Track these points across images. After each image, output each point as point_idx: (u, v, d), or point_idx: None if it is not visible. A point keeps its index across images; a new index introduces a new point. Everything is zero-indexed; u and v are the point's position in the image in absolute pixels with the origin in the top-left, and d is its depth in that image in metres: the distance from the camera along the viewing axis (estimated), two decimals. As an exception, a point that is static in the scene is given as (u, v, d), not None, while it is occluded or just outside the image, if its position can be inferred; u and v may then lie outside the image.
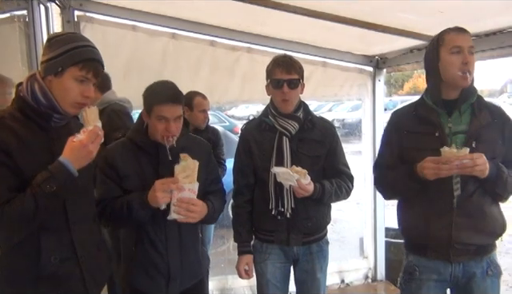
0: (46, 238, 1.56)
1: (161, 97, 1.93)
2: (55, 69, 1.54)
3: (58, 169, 1.48)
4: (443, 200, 1.91)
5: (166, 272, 2.03)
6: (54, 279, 1.58)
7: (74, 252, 1.63)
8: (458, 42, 1.88)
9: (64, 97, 1.57)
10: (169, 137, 1.94)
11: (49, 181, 1.46)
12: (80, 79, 1.56)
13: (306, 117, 2.26)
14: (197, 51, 3.57)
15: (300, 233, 2.25)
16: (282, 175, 2.03)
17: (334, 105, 19.27)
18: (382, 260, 4.20)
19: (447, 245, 1.92)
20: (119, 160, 1.99)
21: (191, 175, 1.88)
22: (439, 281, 1.99)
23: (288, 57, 2.22)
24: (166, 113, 1.92)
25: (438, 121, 1.94)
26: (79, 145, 1.50)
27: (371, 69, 4.03)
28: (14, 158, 1.48)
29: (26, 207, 1.44)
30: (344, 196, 2.29)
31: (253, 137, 2.28)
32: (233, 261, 2.43)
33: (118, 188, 1.99)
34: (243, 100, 3.93)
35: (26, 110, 1.56)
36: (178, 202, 1.88)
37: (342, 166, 2.31)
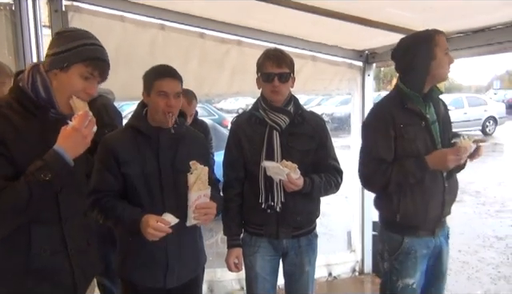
0: (37, 231, 1.55)
1: (160, 72, 2.02)
2: (61, 63, 1.54)
3: (52, 158, 1.47)
4: (437, 183, 2.21)
5: (165, 263, 2.04)
6: (42, 272, 1.57)
7: (65, 246, 1.62)
8: (446, 44, 2.17)
9: (65, 90, 1.56)
10: (170, 112, 1.99)
11: (43, 169, 1.44)
12: (85, 76, 1.56)
13: (297, 111, 2.27)
14: (186, 43, 3.54)
15: (289, 227, 2.26)
16: (272, 169, 2.04)
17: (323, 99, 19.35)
18: (369, 254, 4.25)
19: (436, 221, 2.25)
20: (119, 146, 2.00)
21: (204, 181, 1.95)
22: (427, 255, 2.27)
23: (279, 51, 2.23)
24: (166, 88, 1.98)
25: (424, 112, 2.19)
26: (72, 131, 1.49)
27: (361, 64, 4.05)
28: (10, 148, 1.46)
29: (19, 195, 1.43)
30: (333, 191, 2.31)
31: (243, 130, 2.29)
32: (221, 254, 2.44)
33: (114, 179, 1.99)
34: (232, 93, 3.92)
35: (24, 101, 1.55)
36: (196, 210, 1.94)
37: (332, 161, 2.33)
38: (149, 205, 1.99)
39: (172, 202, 2.01)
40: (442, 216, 2.27)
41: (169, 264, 2.04)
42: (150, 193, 2.01)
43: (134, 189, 2.01)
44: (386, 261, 2.31)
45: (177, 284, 2.09)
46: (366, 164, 2.25)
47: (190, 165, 1.92)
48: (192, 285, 2.18)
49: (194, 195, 1.93)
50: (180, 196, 1.97)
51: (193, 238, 2.15)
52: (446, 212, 2.29)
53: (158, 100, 1.99)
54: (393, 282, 2.28)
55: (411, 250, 2.23)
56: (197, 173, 1.92)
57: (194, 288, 2.22)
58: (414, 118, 2.18)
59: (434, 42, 2.12)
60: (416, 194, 2.21)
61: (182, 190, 1.94)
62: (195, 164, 1.93)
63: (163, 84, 1.99)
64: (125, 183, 2.02)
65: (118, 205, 1.97)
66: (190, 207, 1.93)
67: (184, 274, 2.11)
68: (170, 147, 2.05)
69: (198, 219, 1.95)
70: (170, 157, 2.03)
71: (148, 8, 3.38)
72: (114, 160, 1.99)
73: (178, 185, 2.00)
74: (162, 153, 2.02)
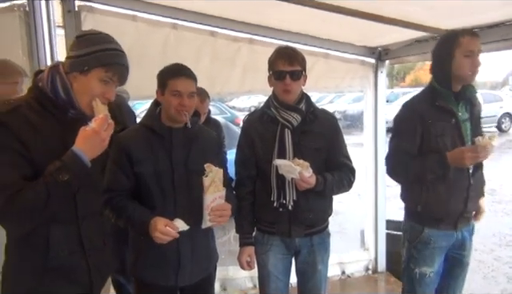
0: (55, 231, 1.56)
1: (175, 71, 2.02)
2: (81, 66, 1.55)
3: (71, 159, 1.48)
4: (462, 179, 2.27)
5: (177, 262, 2.05)
6: (60, 270, 1.59)
7: (82, 246, 1.64)
8: (472, 47, 2.17)
9: (84, 94, 1.57)
10: (184, 111, 1.99)
11: (61, 170, 1.46)
12: (104, 80, 1.57)
13: (309, 109, 2.25)
14: (197, 42, 3.54)
15: (302, 225, 2.26)
16: (284, 167, 2.03)
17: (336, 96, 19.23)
18: (383, 252, 4.23)
19: (459, 216, 2.31)
20: (132, 145, 2.01)
21: (219, 183, 1.96)
22: (445, 248, 2.35)
23: (290, 49, 2.21)
24: (180, 87, 1.99)
25: (454, 110, 2.25)
26: (91, 133, 1.51)
27: (373, 61, 4.02)
28: (29, 148, 1.47)
29: (37, 196, 1.44)
30: (345, 189, 2.30)
31: (255, 128, 2.28)
32: (234, 252, 2.44)
33: (126, 179, 2.01)
34: (244, 91, 3.92)
35: (44, 101, 1.56)
36: (212, 212, 1.94)
37: (344, 159, 2.31)
38: (161, 205, 2.00)
39: (184, 201, 2.01)
40: (466, 211, 2.32)
41: (181, 262, 2.05)
42: (163, 192, 2.01)
43: (146, 188, 2.02)
44: (406, 249, 2.45)
45: (189, 282, 2.09)
46: (392, 155, 2.38)
47: (205, 168, 1.92)
48: (204, 284, 2.19)
49: (210, 197, 1.93)
50: (192, 195, 1.98)
51: (205, 237, 2.15)
52: (471, 208, 2.34)
53: (172, 99, 1.99)
54: (410, 269, 2.41)
55: (430, 240, 2.33)
56: (212, 176, 1.92)
57: (206, 287, 2.23)
58: (444, 115, 2.24)
59: (455, 43, 2.18)
60: (439, 187, 2.28)
61: (195, 190, 1.95)
62: (210, 167, 1.93)
63: (177, 83, 1.99)
64: (137, 182, 2.03)
65: (128, 205, 1.98)
66: (206, 209, 1.93)
67: (196, 272, 2.11)
68: (183, 146, 2.05)
69: (214, 221, 1.96)
70: (182, 157, 2.04)
71: (160, 7, 3.39)
72: (126, 159, 2.00)
73: (190, 185, 2.00)
74: (174, 153, 2.03)
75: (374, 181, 4.17)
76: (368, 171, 4.18)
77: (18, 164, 1.46)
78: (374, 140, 4.11)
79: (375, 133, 4.10)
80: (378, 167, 4.11)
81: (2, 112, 1.48)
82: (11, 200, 1.41)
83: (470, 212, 2.38)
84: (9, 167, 1.44)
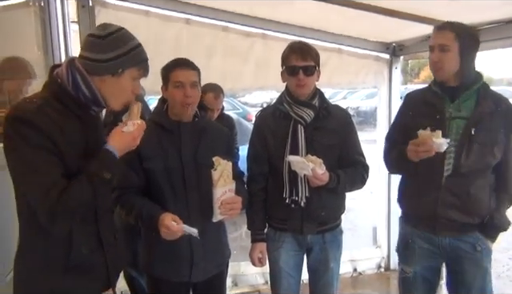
0: (77, 229, 1.56)
1: (175, 63, 2.05)
2: (115, 70, 1.53)
3: (110, 158, 1.50)
4: (433, 179, 2.11)
5: (189, 257, 2.05)
6: (81, 268, 1.58)
7: (101, 243, 1.64)
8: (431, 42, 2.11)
9: (119, 95, 1.58)
10: (188, 103, 2.00)
11: (104, 169, 1.47)
12: (136, 78, 1.59)
13: (322, 105, 2.24)
14: (210, 37, 3.54)
15: (314, 222, 2.24)
16: (297, 164, 2.02)
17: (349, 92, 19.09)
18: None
19: (433, 219, 2.15)
20: (141, 141, 1.98)
21: (228, 176, 1.95)
22: (431, 250, 2.21)
23: (304, 44, 2.20)
24: (182, 78, 2.00)
25: (441, 106, 2.12)
26: (130, 138, 1.55)
27: (388, 57, 3.97)
28: (58, 145, 1.46)
29: (85, 196, 1.44)
30: (359, 186, 2.29)
31: (267, 124, 2.27)
32: (245, 248, 2.44)
33: (136, 175, 2.02)
34: (257, 87, 3.91)
35: (65, 99, 1.53)
36: (222, 205, 1.94)
37: (358, 156, 2.30)
38: (172, 200, 2.00)
39: (195, 196, 2.02)
40: (440, 216, 2.12)
41: (194, 258, 2.05)
42: (173, 188, 2.01)
43: (156, 185, 2.02)
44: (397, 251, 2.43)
45: (203, 278, 2.10)
46: (384, 143, 2.40)
47: (213, 161, 1.92)
48: (216, 280, 2.19)
49: (219, 191, 1.93)
50: (203, 189, 1.98)
51: (217, 232, 2.15)
52: (446, 215, 2.11)
53: (175, 91, 2.00)
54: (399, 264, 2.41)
55: (409, 239, 2.27)
56: (220, 169, 1.92)
57: (218, 284, 2.23)
58: (428, 109, 2.15)
59: None
60: (411, 184, 2.24)
61: (205, 184, 1.95)
62: (218, 160, 1.92)
63: (178, 74, 2.01)
64: (147, 179, 2.03)
65: (137, 202, 1.99)
66: (216, 203, 1.93)
67: (209, 268, 2.11)
68: (192, 140, 2.05)
69: (224, 214, 1.96)
70: (191, 151, 2.04)
71: (173, 2, 3.38)
72: (136, 156, 1.99)
73: (200, 179, 2.01)
74: (184, 147, 2.03)
75: (387, 178, 4.12)
76: (381, 168, 4.08)
77: (55, 162, 1.44)
78: (388, 136, 4.06)
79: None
80: (391, 164, 4.06)
81: (32, 111, 1.44)
82: (61, 199, 1.40)
83: (452, 220, 2.11)
84: (49, 165, 1.43)
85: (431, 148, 1.97)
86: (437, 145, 1.96)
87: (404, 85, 16.66)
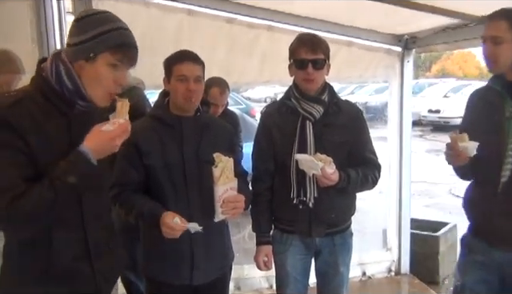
0: (59, 234, 1.52)
1: (179, 56, 2.04)
2: (86, 54, 1.47)
3: (78, 160, 1.43)
4: (489, 185, 2.00)
5: (190, 260, 2.04)
6: (63, 276, 1.54)
7: (87, 251, 1.59)
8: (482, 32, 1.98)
9: (96, 85, 1.50)
10: (191, 97, 1.99)
11: (69, 172, 1.41)
12: (113, 64, 1.49)
13: (332, 100, 2.22)
14: (213, 29, 3.51)
15: (323, 224, 2.23)
16: (305, 163, 2.00)
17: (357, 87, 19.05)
18: (407, 253, 4.16)
19: (489, 230, 2.04)
20: (141, 136, 2.00)
21: (230, 174, 1.93)
22: (484, 263, 2.08)
23: (313, 35, 2.18)
24: (186, 71, 1.99)
25: (500, 104, 1.99)
26: (107, 138, 1.46)
27: (399, 50, 3.94)
28: (32, 146, 1.42)
29: (43, 199, 1.38)
30: (370, 186, 2.27)
31: (273, 121, 2.26)
32: (249, 250, 2.44)
33: (135, 172, 2.01)
34: (262, 81, 3.89)
35: (48, 93, 1.49)
36: (224, 204, 1.92)
37: (369, 154, 2.28)
38: (173, 198, 2.00)
39: (196, 193, 2.01)
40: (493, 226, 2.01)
41: (195, 260, 2.04)
42: (174, 185, 2.01)
43: (156, 181, 2.02)
44: None
45: (204, 281, 2.08)
46: None
47: (214, 158, 1.91)
48: (219, 283, 2.18)
49: (221, 189, 1.91)
50: (204, 187, 1.97)
51: (219, 233, 2.14)
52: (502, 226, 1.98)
53: (178, 85, 2.00)
54: None
55: (467, 248, 2.18)
56: (222, 166, 1.90)
57: (221, 287, 2.22)
58: (487, 108, 2.04)
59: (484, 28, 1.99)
60: (469, 190, 2.16)
61: (207, 181, 1.94)
62: (219, 157, 1.91)
63: (182, 68, 2.00)
64: (147, 176, 2.03)
65: (138, 200, 1.98)
66: (217, 201, 1.92)
67: (211, 271, 2.10)
68: (194, 136, 2.05)
69: (227, 213, 1.94)
70: (193, 147, 2.04)
71: (174, -8, 3.37)
72: (136, 151, 2.00)
73: (202, 176, 2.00)
74: (185, 143, 2.03)
75: (398, 177, 4.10)
76: (392, 166, 4.13)
77: (19, 163, 1.40)
78: (399, 133, 4.04)
79: (400, 127, 4.03)
80: (402, 162, 4.06)
81: (3, 106, 1.41)
82: (14, 203, 1.35)
83: (510, 232, 1.97)
84: (10, 167, 1.38)
85: (459, 153, 1.92)
86: (464, 149, 1.90)
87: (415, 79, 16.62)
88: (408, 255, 4.17)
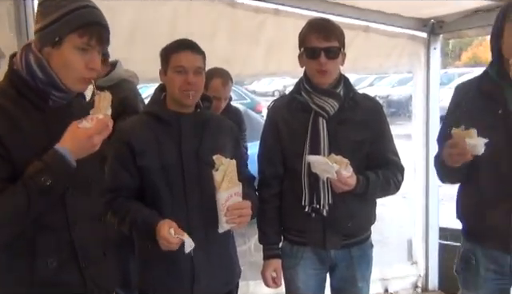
0: (42, 238, 1.55)
1: (178, 45, 2.05)
2: (52, 38, 1.51)
3: (53, 159, 1.45)
4: (502, 186, 2.03)
5: (190, 274, 2.05)
6: (49, 285, 1.57)
7: (75, 256, 1.62)
8: None
9: (66, 72, 1.54)
10: (189, 90, 2.00)
11: (43, 173, 1.43)
12: (82, 48, 1.52)
13: (348, 94, 2.22)
14: (213, 14, 3.53)
15: (338, 234, 2.23)
16: (319, 165, 2.00)
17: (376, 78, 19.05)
18: (435, 267, 4.17)
19: (506, 235, 2.04)
20: (134, 135, 2.03)
21: (233, 177, 1.92)
22: (499, 273, 2.12)
23: (326, 21, 2.19)
24: (185, 62, 2.00)
25: (502, 97, 2.03)
26: (84, 135, 1.48)
27: (425, 36, 3.95)
28: (5, 143, 1.45)
29: (16, 203, 1.42)
30: (392, 191, 2.27)
31: (282, 117, 2.26)
32: (255, 264, 2.45)
33: (129, 176, 2.03)
34: (268, 72, 3.92)
35: (20, 87, 1.53)
36: (229, 212, 1.92)
37: (391, 154, 2.28)
38: (169, 204, 2.02)
39: (196, 199, 2.03)
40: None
41: (195, 274, 2.05)
42: (171, 189, 2.02)
43: (151, 185, 2.03)
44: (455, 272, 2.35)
45: None
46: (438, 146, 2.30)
47: (214, 160, 1.90)
48: None
49: (224, 195, 1.91)
50: (206, 192, 1.98)
51: (223, 244, 2.15)
52: None
53: (176, 77, 2.01)
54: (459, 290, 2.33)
55: (471, 259, 2.19)
56: (223, 169, 1.90)
57: None
58: (487, 102, 2.06)
59: (505, 16, 1.99)
60: (471, 193, 2.16)
61: (208, 185, 1.94)
62: (220, 159, 1.91)
63: (181, 57, 2.01)
64: (142, 179, 2.04)
65: (131, 208, 1.99)
66: (221, 210, 1.91)
67: (214, 287, 2.11)
68: (194, 135, 2.06)
69: (232, 222, 1.94)
70: (193, 146, 2.05)
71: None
72: (129, 152, 2.02)
73: (202, 179, 2.01)
74: (184, 142, 2.04)
75: (425, 180, 4.11)
76: (417, 168, 4.15)
77: None
78: (425, 131, 4.05)
79: (426, 123, 4.04)
80: (429, 163, 4.05)
81: None
82: None
83: None
84: None
85: (465, 151, 1.92)
86: (471, 147, 1.90)
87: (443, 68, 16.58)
88: (436, 269, 4.17)
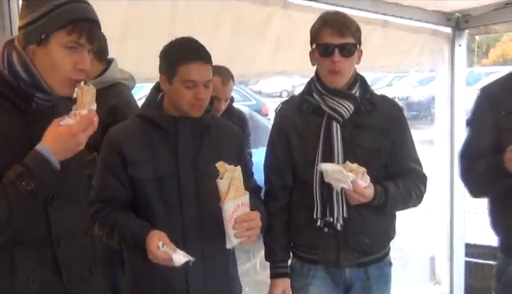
0: (22, 254, 1.54)
1: (187, 53, 1.98)
2: (37, 35, 1.52)
3: (35, 161, 1.46)
4: None
5: (185, 290, 2.04)
6: None
7: (59, 274, 1.62)
8: None
9: (53, 72, 1.54)
10: (200, 106, 2.00)
11: (24, 177, 1.43)
12: (70, 46, 1.53)
13: (364, 96, 2.23)
14: (215, 7, 3.53)
15: (354, 251, 2.23)
16: (332, 174, 2.00)
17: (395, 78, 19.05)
18: (461, 287, 4.16)
19: None
20: (126, 143, 2.02)
21: (240, 186, 1.91)
22: None
23: (341, 15, 2.18)
24: (196, 76, 1.97)
25: None
26: (67, 133, 1.48)
27: (449, 31, 3.97)
28: None
29: None
30: (413, 203, 2.28)
31: (291, 122, 2.27)
32: (261, 283, 2.46)
33: (120, 185, 2.02)
34: (276, 71, 3.92)
35: (1, 87, 1.54)
36: (237, 224, 1.90)
37: (412, 162, 2.28)
38: (163, 217, 2.01)
39: (193, 212, 2.02)
40: None
41: (189, 290, 2.05)
42: (165, 202, 2.02)
43: (144, 197, 2.03)
44: (493, 291, 2.32)
45: None
46: (460, 159, 2.31)
47: (217, 168, 1.89)
48: None
49: (231, 205, 1.89)
50: (203, 205, 1.99)
51: (222, 260, 2.15)
52: None
53: (184, 91, 1.98)
54: None
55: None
56: (229, 177, 1.89)
57: None
58: None
59: None
60: None
61: (205, 198, 1.95)
62: (223, 166, 1.90)
63: (191, 70, 1.97)
64: (134, 190, 2.04)
65: (120, 219, 1.98)
66: (229, 222, 1.89)
67: None
68: (192, 142, 2.06)
69: (241, 236, 1.92)
70: (191, 155, 2.05)
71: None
72: (120, 160, 2.01)
73: (200, 191, 2.01)
74: (181, 150, 2.03)
75: (449, 191, 4.12)
76: (441, 177, 4.14)
77: None
78: (450, 136, 4.06)
79: (451, 127, 4.05)
80: (454, 172, 4.04)
81: None
82: None
83: None
84: None
85: None
86: None
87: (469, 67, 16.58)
88: (462, 289, 4.16)
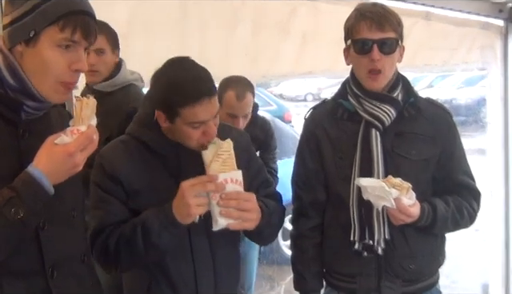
0: (11, 286, 1.54)
1: (191, 93, 1.90)
2: (25, 34, 1.50)
3: (26, 185, 1.45)
4: None
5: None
6: None
7: None
8: None
9: (44, 75, 1.53)
10: (209, 140, 1.95)
11: (13, 204, 1.42)
12: (64, 44, 1.52)
13: (407, 99, 2.22)
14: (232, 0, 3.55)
15: (397, 279, 2.22)
16: (372, 190, 1.99)
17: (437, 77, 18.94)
18: (520, 320, 4.14)
19: None
20: (123, 169, 2.01)
21: (229, 159, 1.89)
22: None
23: (380, 7, 2.17)
24: (204, 116, 1.91)
25: None
26: (63, 153, 1.46)
27: (502, 24, 3.97)
28: None
29: None
30: (465, 223, 2.26)
31: (323, 129, 2.27)
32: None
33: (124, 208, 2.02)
34: (302, 72, 3.95)
35: None
36: (223, 201, 1.87)
37: (463, 176, 2.27)
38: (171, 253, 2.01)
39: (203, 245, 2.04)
40: None
41: None
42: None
43: None
44: None
45: None
46: None
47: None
48: None
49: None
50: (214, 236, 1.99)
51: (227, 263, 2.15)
52: None
53: (191, 131, 1.95)
54: None
55: None
56: (214, 147, 1.90)
57: None
58: None
59: None
60: None
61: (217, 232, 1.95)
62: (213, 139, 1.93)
63: (198, 112, 1.91)
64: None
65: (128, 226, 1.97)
66: (212, 196, 1.87)
67: None
68: (197, 167, 1.98)
69: (229, 216, 1.89)
70: None
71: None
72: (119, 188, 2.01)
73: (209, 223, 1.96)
74: (184, 177, 1.97)
75: (504, 208, 4.11)
76: (494, 192, 4.12)
77: None
78: (504, 142, 4.06)
79: (505, 134, 4.05)
80: (509, 186, 4.06)
81: None
82: None
83: None
84: None
85: None
86: None
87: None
88: (522, 323, 4.14)
